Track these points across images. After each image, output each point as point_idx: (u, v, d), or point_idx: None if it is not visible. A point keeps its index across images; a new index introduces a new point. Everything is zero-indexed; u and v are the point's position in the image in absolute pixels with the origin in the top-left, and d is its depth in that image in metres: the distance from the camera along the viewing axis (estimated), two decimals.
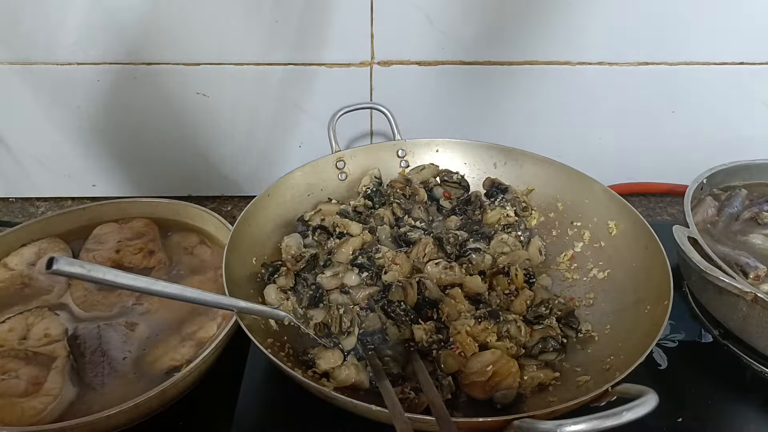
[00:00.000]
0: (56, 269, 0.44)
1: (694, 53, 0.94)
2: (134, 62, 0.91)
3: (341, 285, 0.73)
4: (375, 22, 0.89)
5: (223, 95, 0.95)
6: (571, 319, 0.72)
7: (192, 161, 1.03)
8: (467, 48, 0.93)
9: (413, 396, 0.62)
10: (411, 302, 0.70)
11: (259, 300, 0.72)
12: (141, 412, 0.62)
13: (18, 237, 0.84)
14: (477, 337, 0.67)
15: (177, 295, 0.55)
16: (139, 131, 0.99)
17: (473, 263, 0.77)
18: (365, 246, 0.78)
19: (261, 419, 0.68)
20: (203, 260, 0.83)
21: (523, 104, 1.00)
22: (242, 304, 0.61)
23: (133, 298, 0.77)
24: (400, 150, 0.92)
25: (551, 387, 0.66)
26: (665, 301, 0.65)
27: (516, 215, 0.85)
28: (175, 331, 0.72)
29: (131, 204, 0.90)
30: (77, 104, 0.95)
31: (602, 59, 0.95)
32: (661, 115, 1.01)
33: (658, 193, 1.12)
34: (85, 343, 0.70)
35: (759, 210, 0.85)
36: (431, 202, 0.89)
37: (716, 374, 0.75)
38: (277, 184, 0.83)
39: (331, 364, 0.65)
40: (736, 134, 1.04)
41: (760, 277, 0.74)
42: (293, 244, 0.79)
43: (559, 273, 0.82)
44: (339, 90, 0.95)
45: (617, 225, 0.79)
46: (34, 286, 0.79)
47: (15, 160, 1.01)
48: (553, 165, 0.87)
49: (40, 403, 0.62)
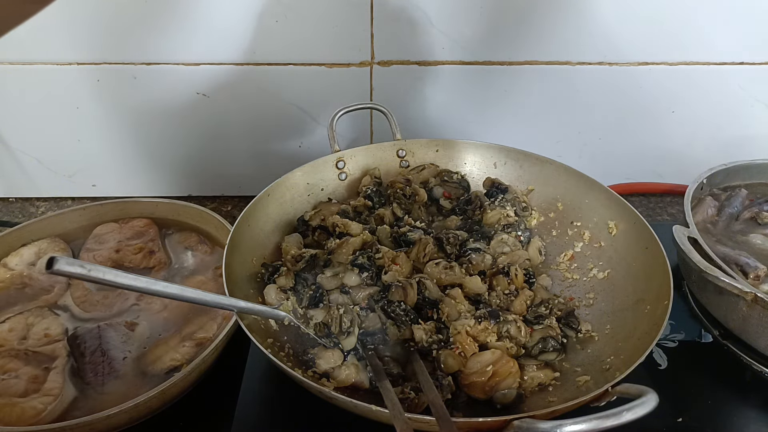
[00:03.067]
0: (56, 269, 0.44)
1: (694, 53, 0.94)
2: (134, 62, 0.91)
3: (341, 285, 0.73)
4: (375, 22, 0.89)
5: (223, 95, 0.95)
6: (571, 319, 0.72)
7: (192, 161, 1.03)
8: (467, 48, 0.93)
9: (413, 396, 0.62)
10: (411, 302, 0.70)
11: (259, 300, 0.72)
12: (141, 412, 0.62)
13: (18, 237, 0.84)
14: (477, 337, 0.67)
15: (177, 295, 0.55)
16: (139, 131, 0.99)
17: (473, 263, 0.77)
18: (365, 246, 0.78)
19: (261, 419, 0.67)
20: (203, 260, 0.83)
21: (523, 104, 1.00)
22: (242, 304, 0.61)
23: (133, 298, 0.77)
24: (400, 150, 0.92)
25: (551, 387, 0.66)
26: (665, 301, 0.65)
27: (516, 215, 0.85)
28: (175, 331, 0.72)
29: (131, 204, 0.90)
30: (77, 104, 0.95)
31: (602, 59, 0.95)
32: (661, 115, 1.01)
33: (658, 193, 1.12)
34: (85, 343, 0.70)
35: (759, 210, 0.85)
36: (431, 202, 0.89)
37: (716, 374, 0.75)
38: (277, 184, 0.83)
39: (331, 364, 0.65)
40: (736, 134, 1.04)
41: (760, 277, 0.74)
42: (293, 244, 0.79)
43: (559, 273, 0.82)
44: (339, 90, 0.95)
45: (617, 225, 0.79)
46: (34, 286, 0.79)
47: (15, 160, 1.01)
48: (553, 165, 0.87)
49: (40, 403, 0.62)
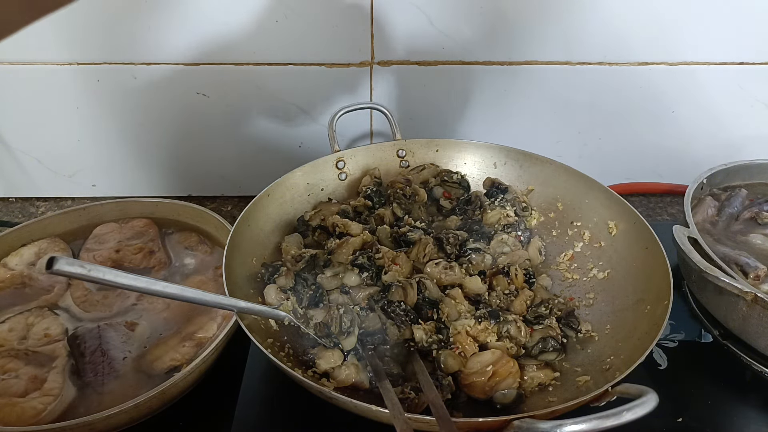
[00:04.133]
0: (56, 269, 0.44)
1: (694, 53, 0.94)
2: (134, 62, 0.91)
3: (341, 285, 0.73)
4: (375, 22, 0.89)
5: (223, 95, 0.95)
6: (571, 319, 0.72)
7: (192, 161, 1.03)
8: (467, 48, 0.93)
9: (413, 396, 0.62)
10: (411, 302, 0.70)
11: (259, 300, 0.72)
12: (141, 412, 0.62)
13: (18, 237, 0.84)
14: (477, 338, 0.67)
15: (177, 295, 0.55)
16: (139, 131, 0.99)
17: (473, 263, 0.77)
18: (365, 246, 0.78)
19: (261, 419, 0.67)
20: (203, 260, 0.83)
21: (523, 104, 1.00)
22: (242, 304, 0.61)
23: (133, 298, 0.77)
24: (400, 150, 0.92)
25: (551, 387, 0.66)
26: (665, 301, 0.65)
27: (516, 215, 0.85)
28: (175, 331, 0.72)
29: (131, 204, 0.90)
30: (77, 104, 0.95)
31: (602, 59, 0.95)
32: (661, 115, 1.01)
33: (658, 193, 1.12)
34: (85, 343, 0.70)
35: (759, 210, 0.85)
36: (431, 202, 0.89)
37: (716, 374, 0.75)
38: (277, 184, 0.83)
39: (331, 364, 0.65)
40: (736, 134, 1.04)
41: (760, 277, 0.74)
42: (293, 244, 0.79)
43: (559, 273, 0.82)
44: (339, 90, 0.95)
45: (617, 225, 0.79)
46: (34, 286, 0.79)
47: (15, 160, 1.01)
48: (553, 165, 0.87)
49: (40, 403, 0.62)
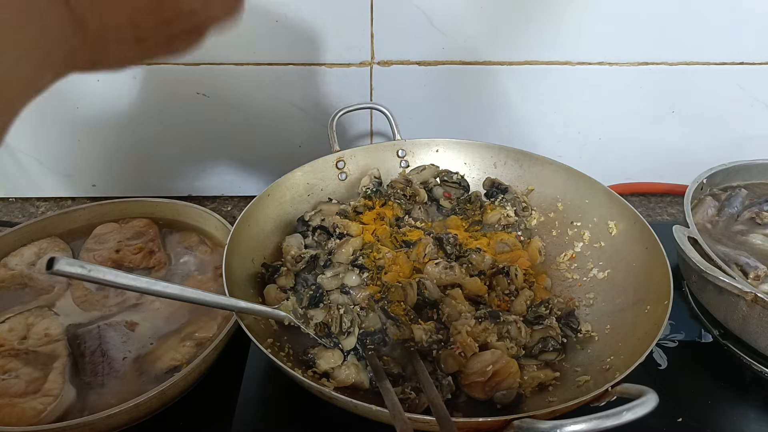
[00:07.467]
0: (56, 269, 0.44)
1: (694, 53, 0.94)
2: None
3: (341, 285, 0.73)
4: (375, 22, 0.89)
5: (223, 95, 0.95)
6: (571, 319, 0.72)
7: (192, 161, 1.03)
8: (467, 48, 0.93)
9: (413, 396, 0.62)
10: (411, 303, 0.70)
11: (259, 300, 0.72)
12: (141, 412, 0.62)
13: (18, 237, 0.84)
14: (477, 338, 0.67)
15: (177, 295, 0.55)
16: (139, 131, 0.98)
17: (473, 263, 0.77)
18: (365, 246, 0.78)
19: (261, 419, 0.68)
20: (203, 260, 0.83)
21: (523, 104, 1.00)
22: (242, 304, 0.61)
23: (133, 298, 0.77)
24: (400, 150, 0.92)
25: (551, 387, 0.66)
26: (665, 301, 0.65)
27: (516, 215, 0.85)
28: (175, 331, 0.72)
29: (131, 204, 0.90)
30: (77, 104, 0.95)
31: (602, 59, 0.95)
32: (661, 115, 1.01)
33: (658, 193, 1.12)
34: (85, 343, 0.70)
35: (759, 210, 0.85)
36: (431, 202, 0.89)
37: (716, 374, 0.75)
38: (277, 184, 0.83)
39: (331, 364, 0.65)
40: (736, 134, 1.04)
41: (760, 277, 0.74)
42: (294, 244, 0.79)
43: (559, 273, 0.82)
44: (339, 90, 0.95)
45: (617, 225, 0.79)
46: (34, 286, 0.79)
47: (15, 160, 1.01)
48: (553, 165, 0.87)
49: (40, 403, 0.62)
